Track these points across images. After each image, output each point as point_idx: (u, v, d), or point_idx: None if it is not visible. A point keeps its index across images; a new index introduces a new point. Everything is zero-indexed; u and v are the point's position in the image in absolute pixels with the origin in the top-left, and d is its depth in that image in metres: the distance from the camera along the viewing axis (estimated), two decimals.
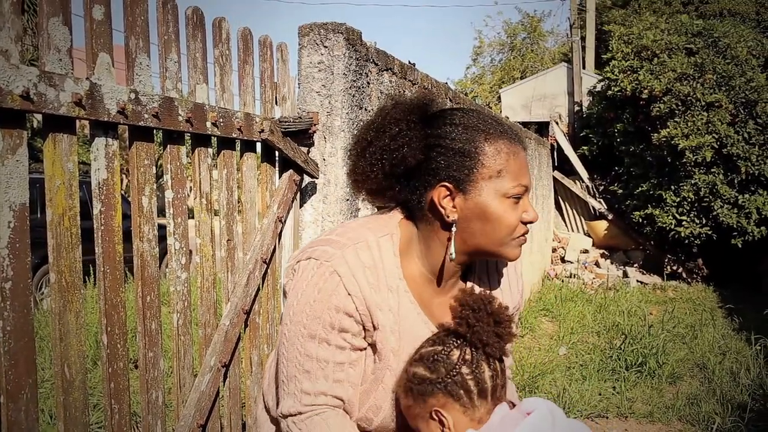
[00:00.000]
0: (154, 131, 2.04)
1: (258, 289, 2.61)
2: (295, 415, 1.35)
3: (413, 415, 1.34)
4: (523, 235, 1.36)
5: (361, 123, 2.89)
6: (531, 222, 1.35)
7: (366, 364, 1.38)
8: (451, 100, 4.97)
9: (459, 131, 1.33)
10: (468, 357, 1.29)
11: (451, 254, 1.35)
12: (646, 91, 9.47)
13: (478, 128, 1.33)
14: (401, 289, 1.37)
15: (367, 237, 1.37)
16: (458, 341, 1.31)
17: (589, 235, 11.41)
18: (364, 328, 1.34)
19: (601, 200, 11.24)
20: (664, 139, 9.19)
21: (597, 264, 10.66)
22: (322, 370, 1.33)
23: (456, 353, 1.29)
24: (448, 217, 1.33)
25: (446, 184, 1.32)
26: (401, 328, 1.37)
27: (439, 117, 1.37)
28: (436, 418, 1.30)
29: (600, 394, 4.84)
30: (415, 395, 1.31)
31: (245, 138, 2.48)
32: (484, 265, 1.54)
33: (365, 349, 1.37)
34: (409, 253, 1.40)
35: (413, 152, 1.33)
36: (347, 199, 2.90)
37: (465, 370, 1.29)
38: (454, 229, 1.34)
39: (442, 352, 1.30)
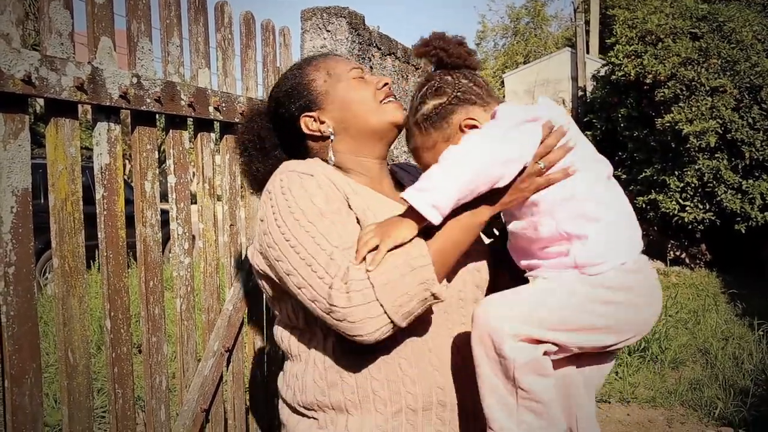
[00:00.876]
0: (157, 116, 2.04)
1: None
2: (348, 269, 1.22)
3: (440, 145, 1.38)
4: (386, 98, 1.49)
5: None
6: (385, 84, 1.50)
7: None
8: None
9: (281, 81, 1.55)
10: (458, 73, 1.42)
11: (330, 158, 1.48)
12: (650, 75, 9.42)
13: (290, 69, 1.56)
14: (351, 183, 1.44)
15: (285, 164, 1.47)
16: (440, 71, 1.44)
17: None
18: (343, 198, 1.38)
19: None
20: (668, 124, 9.14)
21: None
22: (340, 223, 1.30)
23: (447, 76, 1.42)
24: (324, 133, 1.49)
25: (304, 114, 1.49)
26: (373, 209, 1.39)
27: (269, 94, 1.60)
28: (468, 126, 1.38)
29: None
30: (437, 125, 1.40)
31: None
32: (405, 173, 1.69)
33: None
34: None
35: (262, 124, 1.58)
36: None
37: (464, 80, 1.41)
38: (332, 137, 1.48)
39: (438, 81, 1.42)
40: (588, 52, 13.59)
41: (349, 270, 1.21)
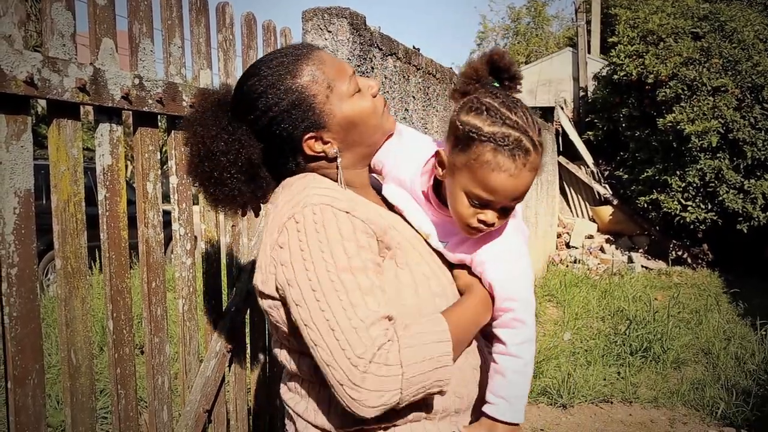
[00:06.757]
0: (159, 117, 2.04)
1: None
2: (380, 347, 1.15)
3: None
4: (384, 107, 1.42)
5: None
6: (377, 90, 1.41)
7: (399, 279, 1.31)
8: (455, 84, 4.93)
9: (274, 92, 1.32)
10: None
11: (340, 180, 1.37)
12: (651, 75, 9.42)
13: (280, 75, 1.33)
14: (360, 198, 1.37)
15: (300, 185, 1.33)
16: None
17: (594, 221, 11.39)
18: (377, 239, 1.28)
19: (606, 185, 11.21)
20: (669, 124, 9.14)
21: (602, 249, 10.65)
22: (372, 295, 1.19)
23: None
24: (330, 154, 1.36)
25: (308, 135, 1.33)
26: (394, 226, 1.36)
27: (242, 99, 1.36)
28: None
29: (605, 380, 4.85)
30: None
31: None
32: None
33: (380, 265, 1.29)
34: None
35: (252, 148, 1.33)
36: None
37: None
38: (339, 159, 1.37)
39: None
40: (589, 52, 13.58)
41: (383, 351, 1.16)
